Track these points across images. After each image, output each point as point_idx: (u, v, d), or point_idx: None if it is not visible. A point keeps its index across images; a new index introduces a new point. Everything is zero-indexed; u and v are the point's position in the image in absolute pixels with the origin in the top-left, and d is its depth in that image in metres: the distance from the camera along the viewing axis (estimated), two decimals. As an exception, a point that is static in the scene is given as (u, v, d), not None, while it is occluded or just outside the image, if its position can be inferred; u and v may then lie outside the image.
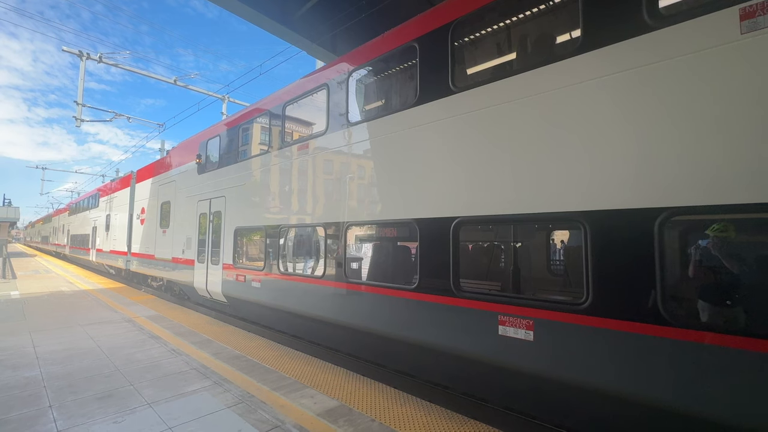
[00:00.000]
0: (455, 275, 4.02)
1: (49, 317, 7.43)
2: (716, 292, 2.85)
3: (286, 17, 10.72)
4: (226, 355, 5.24)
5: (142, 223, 12.91)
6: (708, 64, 2.67)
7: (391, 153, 4.92)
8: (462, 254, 4.22)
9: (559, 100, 3.41)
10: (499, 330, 3.57)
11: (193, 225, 9.39)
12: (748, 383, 2.45)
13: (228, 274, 7.91)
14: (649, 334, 2.77)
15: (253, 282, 7.08)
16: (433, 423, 3.48)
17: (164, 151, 21.40)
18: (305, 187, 6.38)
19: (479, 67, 5.07)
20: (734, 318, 2.78)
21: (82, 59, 14.01)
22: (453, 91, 4.21)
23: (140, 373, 4.51)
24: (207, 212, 8.87)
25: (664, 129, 2.82)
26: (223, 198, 8.31)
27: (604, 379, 3.01)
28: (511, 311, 3.53)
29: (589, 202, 3.15)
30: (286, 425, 3.30)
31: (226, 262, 8.02)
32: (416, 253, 4.46)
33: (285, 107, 6.82)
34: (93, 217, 19.35)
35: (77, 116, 14.51)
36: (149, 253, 11.98)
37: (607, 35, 3.14)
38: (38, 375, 4.36)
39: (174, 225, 10.53)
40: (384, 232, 5.65)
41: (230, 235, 7.93)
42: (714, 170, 2.60)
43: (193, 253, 9.32)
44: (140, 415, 3.45)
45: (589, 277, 3.10)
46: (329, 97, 5.86)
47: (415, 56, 4.62)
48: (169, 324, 7.11)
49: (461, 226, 4.07)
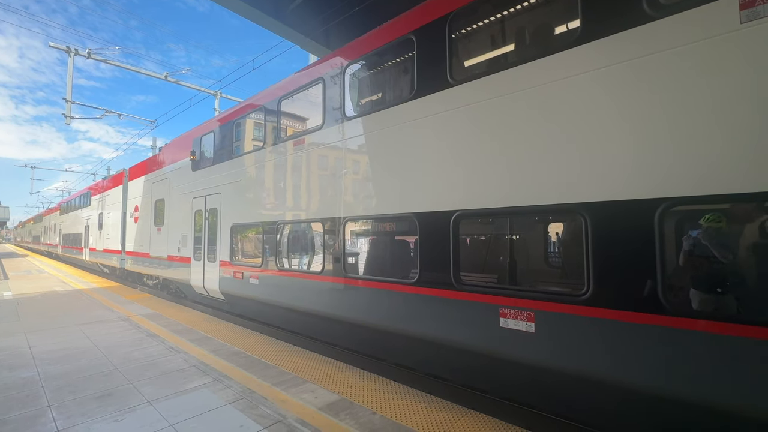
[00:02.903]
0: (456, 268, 4.04)
1: (44, 317, 7.36)
2: (713, 281, 2.89)
3: (278, 11, 10.61)
4: (225, 352, 5.24)
5: (136, 221, 12.79)
6: (707, 55, 2.67)
7: (389, 146, 4.90)
8: (464, 247, 4.26)
9: (557, 92, 3.42)
10: (500, 322, 3.61)
11: (189, 222, 9.31)
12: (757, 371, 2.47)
13: (225, 272, 7.87)
14: (651, 324, 2.81)
15: (251, 279, 7.07)
16: (434, 414, 3.51)
17: (156, 148, 21.11)
18: (302, 183, 6.34)
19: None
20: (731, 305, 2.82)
21: (70, 55, 13.75)
22: (451, 84, 4.21)
23: (139, 371, 4.49)
24: (202, 209, 8.80)
25: (662, 121, 2.84)
26: (218, 195, 8.25)
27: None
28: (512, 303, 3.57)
29: (589, 193, 3.18)
30: (288, 420, 3.32)
31: (223, 259, 7.97)
32: (416, 246, 4.47)
33: (280, 102, 6.76)
34: (85, 216, 19.12)
35: (66, 113, 14.28)
36: (144, 252, 11.87)
37: (605, 26, 3.14)
38: (35, 375, 4.33)
39: (169, 223, 10.43)
40: (382, 227, 5.66)
41: (227, 232, 7.88)
42: (714, 161, 2.62)
43: (189, 251, 9.25)
44: (141, 413, 3.44)
45: (589, 268, 3.12)
46: (325, 92, 5.81)
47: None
48: (166, 322, 7.08)
49: (461, 219, 4.09)
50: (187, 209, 9.43)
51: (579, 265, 3.21)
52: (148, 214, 11.74)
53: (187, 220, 9.39)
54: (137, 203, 12.75)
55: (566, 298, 3.29)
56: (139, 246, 12.31)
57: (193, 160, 9.36)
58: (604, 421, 3.44)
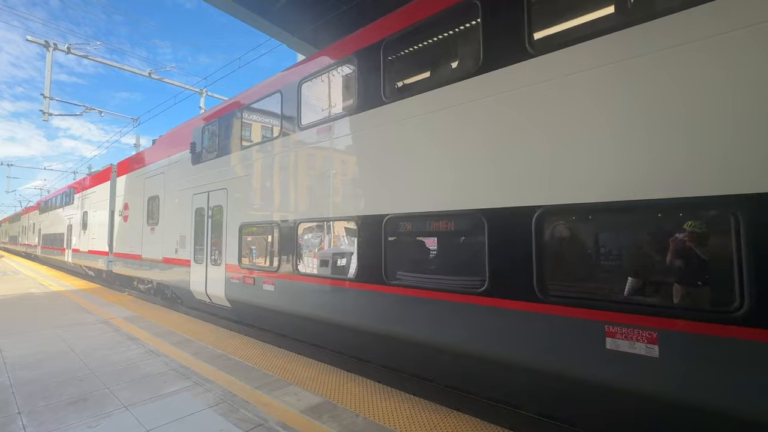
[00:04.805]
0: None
1: (18, 320, 7.10)
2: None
3: (264, 9, 10.48)
4: (206, 355, 5.14)
5: (125, 220, 11.92)
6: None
7: (456, 129, 4.15)
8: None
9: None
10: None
11: (188, 221, 8.50)
12: None
13: (232, 276, 7.06)
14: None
15: (265, 285, 6.28)
16: (417, 415, 3.51)
17: (139, 146, 20.62)
18: (333, 175, 5.48)
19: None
20: None
21: (49, 50, 13.36)
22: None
23: (116, 375, 4.36)
24: (205, 207, 8.01)
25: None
26: (224, 190, 7.44)
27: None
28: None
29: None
30: (270, 423, 3.26)
31: (229, 262, 7.19)
32: (485, 249, 3.73)
33: (300, 85, 6.00)
34: (68, 215, 18.12)
35: (45, 110, 13.85)
36: (135, 253, 11.04)
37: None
38: (6, 381, 4.17)
39: (164, 222, 9.64)
40: (440, 226, 4.64)
41: (234, 232, 7.08)
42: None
43: (189, 253, 8.44)
44: (116, 418, 3.35)
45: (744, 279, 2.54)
46: (359, 71, 5.07)
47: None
48: (147, 324, 6.91)
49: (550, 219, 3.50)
50: (186, 207, 8.64)
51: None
52: (139, 212, 10.88)
53: (186, 219, 8.59)
54: (127, 201, 11.90)
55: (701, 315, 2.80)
56: (129, 247, 11.45)
57: (193, 153, 8.54)
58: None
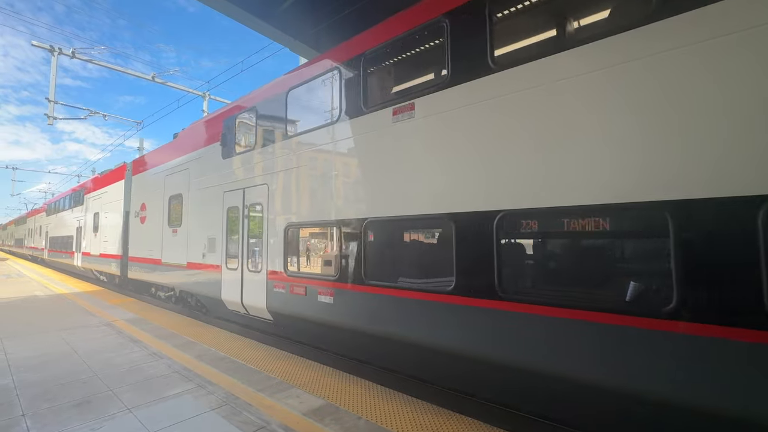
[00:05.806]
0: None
1: (23, 322, 7.14)
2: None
3: (267, 13, 10.53)
4: (209, 357, 5.15)
5: (142, 222, 11.12)
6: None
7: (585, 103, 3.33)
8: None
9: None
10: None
11: (218, 222, 7.67)
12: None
13: (276, 285, 6.20)
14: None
15: (321, 296, 5.43)
16: (420, 418, 3.50)
17: (143, 149, 20.72)
18: (416, 163, 4.52)
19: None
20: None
21: (54, 55, 13.50)
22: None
23: (120, 377, 4.38)
24: (239, 206, 7.19)
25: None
26: (264, 186, 6.63)
27: None
28: None
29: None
30: (272, 426, 3.27)
31: (272, 268, 6.33)
32: (673, 254, 2.77)
33: (363, 59, 5.14)
34: (77, 217, 17.39)
35: (49, 114, 14.00)
36: (154, 258, 10.16)
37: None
38: (10, 383, 4.19)
39: (188, 222, 8.77)
40: (574, 225, 3.44)
41: (278, 234, 6.26)
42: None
43: (219, 258, 7.57)
44: (120, 420, 3.36)
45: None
46: (449, 33, 4.17)
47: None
48: (149, 327, 6.94)
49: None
50: (215, 206, 7.80)
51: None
52: (159, 212, 10.07)
53: (215, 220, 7.76)
54: (144, 200, 11.11)
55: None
56: (148, 251, 10.56)
57: (224, 146, 7.80)
58: None
